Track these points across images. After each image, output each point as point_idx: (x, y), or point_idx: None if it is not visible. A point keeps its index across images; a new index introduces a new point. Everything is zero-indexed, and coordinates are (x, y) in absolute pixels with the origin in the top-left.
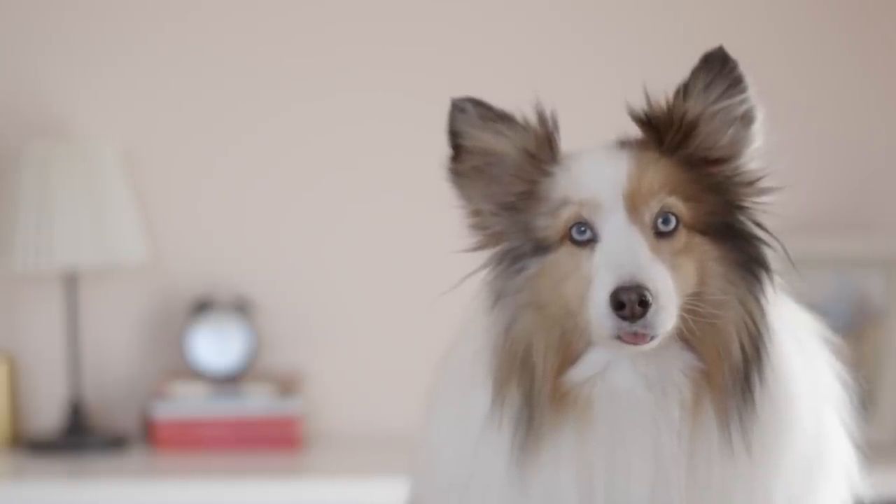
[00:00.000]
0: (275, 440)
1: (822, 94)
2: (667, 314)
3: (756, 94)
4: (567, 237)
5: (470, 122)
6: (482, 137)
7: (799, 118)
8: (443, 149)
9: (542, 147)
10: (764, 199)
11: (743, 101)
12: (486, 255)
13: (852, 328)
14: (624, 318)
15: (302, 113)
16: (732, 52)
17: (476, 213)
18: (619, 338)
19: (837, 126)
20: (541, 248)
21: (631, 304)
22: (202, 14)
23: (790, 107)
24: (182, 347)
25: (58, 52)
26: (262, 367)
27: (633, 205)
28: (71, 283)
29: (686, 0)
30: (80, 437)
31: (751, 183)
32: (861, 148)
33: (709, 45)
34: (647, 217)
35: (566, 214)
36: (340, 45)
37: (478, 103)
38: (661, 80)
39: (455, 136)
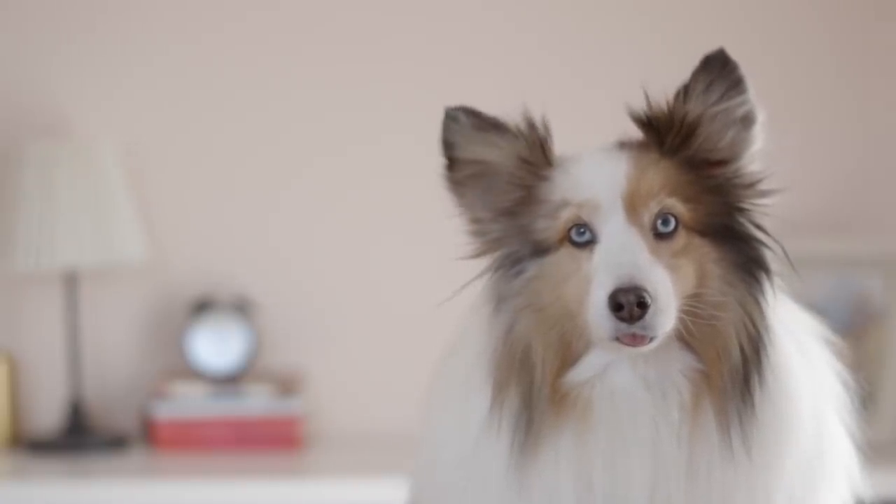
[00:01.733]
0: (275, 440)
1: (821, 94)
2: (666, 316)
3: (756, 95)
4: (566, 239)
5: (463, 133)
6: (475, 149)
7: (798, 118)
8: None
9: (536, 152)
10: (764, 201)
11: (743, 103)
12: (486, 261)
13: (852, 328)
14: (623, 319)
15: (302, 113)
16: (732, 53)
17: (475, 220)
18: (617, 339)
19: (837, 126)
20: (540, 250)
21: (629, 305)
22: (203, 15)
23: (789, 107)
24: (182, 347)
25: (59, 52)
26: (262, 367)
27: (632, 206)
28: (71, 283)
29: (686, 2)
30: (80, 437)
31: (751, 185)
32: (860, 148)
33: (709, 46)
34: (647, 218)
35: (565, 216)
36: (345, 47)
37: (470, 112)
38: (662, 81)
39: (448, 147)
